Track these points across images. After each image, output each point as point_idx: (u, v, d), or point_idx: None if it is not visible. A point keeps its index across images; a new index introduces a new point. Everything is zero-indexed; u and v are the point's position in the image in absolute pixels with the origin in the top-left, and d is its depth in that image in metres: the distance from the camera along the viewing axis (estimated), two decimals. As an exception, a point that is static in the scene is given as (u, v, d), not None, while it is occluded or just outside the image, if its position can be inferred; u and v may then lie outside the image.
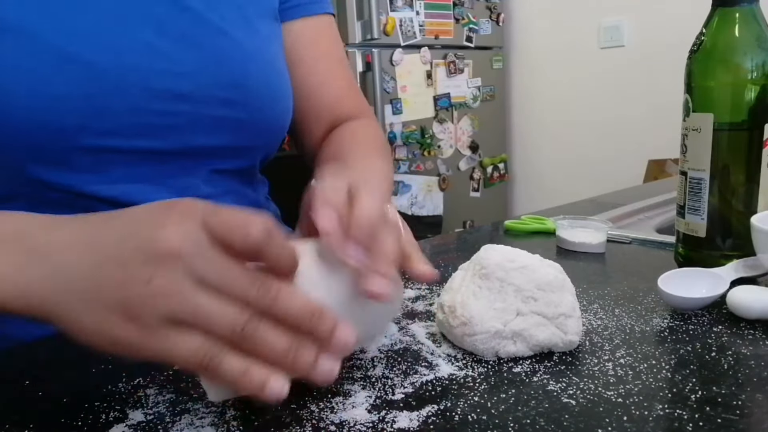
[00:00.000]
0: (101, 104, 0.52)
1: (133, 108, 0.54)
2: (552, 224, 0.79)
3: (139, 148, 0.55)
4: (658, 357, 0.43)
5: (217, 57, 0.58)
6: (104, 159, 0.54)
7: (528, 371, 0.41)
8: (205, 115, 0.58)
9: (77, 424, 0.37)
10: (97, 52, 0.51)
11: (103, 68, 0.52)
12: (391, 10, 2.36)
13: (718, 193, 0.57)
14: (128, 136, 0.54)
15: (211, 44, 0.58)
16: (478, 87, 2.74)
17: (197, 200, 0.34)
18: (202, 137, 0.59)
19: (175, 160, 0.58)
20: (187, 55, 0.56)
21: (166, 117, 0.56)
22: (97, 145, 0.53)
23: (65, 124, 0.51)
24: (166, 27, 0.56)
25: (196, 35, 0.57)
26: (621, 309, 0.52)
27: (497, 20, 2.80)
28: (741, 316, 0.48)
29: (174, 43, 0.56)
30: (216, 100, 0.58)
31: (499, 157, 2.88)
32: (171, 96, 0.56)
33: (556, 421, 0.35)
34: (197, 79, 0.57)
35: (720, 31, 0.55)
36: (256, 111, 0.62)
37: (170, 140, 0.57)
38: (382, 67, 2.32)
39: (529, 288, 0.45)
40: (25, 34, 0.49)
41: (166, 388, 0.41)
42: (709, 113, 0.56)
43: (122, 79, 0.53)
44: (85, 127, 0.52)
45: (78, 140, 0.52)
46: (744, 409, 0.36)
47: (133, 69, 0.53)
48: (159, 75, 0.55)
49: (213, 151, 0.61)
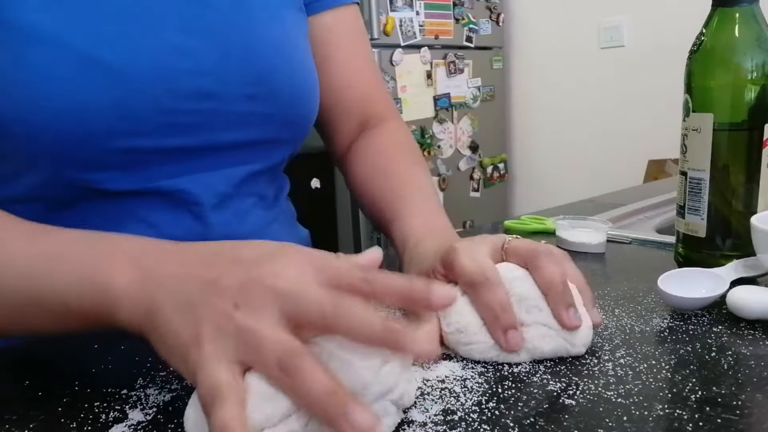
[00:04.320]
0: (128, 107, 0.52)
1: (159, 109, 0.54)
2: (552, 224, 0.79)
3: (167, 146, 0.56)
4: (658, 357, 0.43)
5: (243, 53, 0.58)
6: (134, 159, 0.55)
7: (528, 371, 0.41)
8: (231, 111, 0.58)
9: (77, 424, 0.37)
10: (122, 56, 0.52)
11: (128, 72, 0.52)
12: (391, 10, 2.37)
13: (718, 193, 0.57)
14: (156, 136, 0.55)
15: (237, 40, 0.58)
16: (478, 87, 2.74)
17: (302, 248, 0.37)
18: (229, 133, 0.59)
19: (204, 156, 0.59)
20: (212, 52, 0.57)
21: (192, 115, 0.56)
22: (126, 147, 0.54)
23: (94, 128, 0.51)
24: (191, 25, 0.56)
25: (221, 32, 0.57)
26: (621, 309, 0.52)
27: (497, 20, 2.80)
28: (741, 316, 0.48)
29: (199, 42, 0.56)
30: (242, 95, 0.59)
31: (498, 157, 2.88)
32: (198, 95, 0.56)
33: (556, 421, 0.35)
34: (223, 76, 0.57)
35: (720, 31, 0.55)
36: (281, 105, 0.62)
37: (198, 137, 0.57)
38: (381, 67, 2.32)
39: (534, 297, 0.43)
40: (54, 42, 0.50)
41: (166, 388, 0.41)
42: (709, 113, 0.56)
43: (148, 82, 0.53)
44: (114, 130, 0.52)
45: (107, 143, 0.53)
46: (744, 409, 0.36)
47: (158, 71, 0.53)
48: (184, 75, 0.55)
49: (241, 145, 0.61)
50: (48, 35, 0.50)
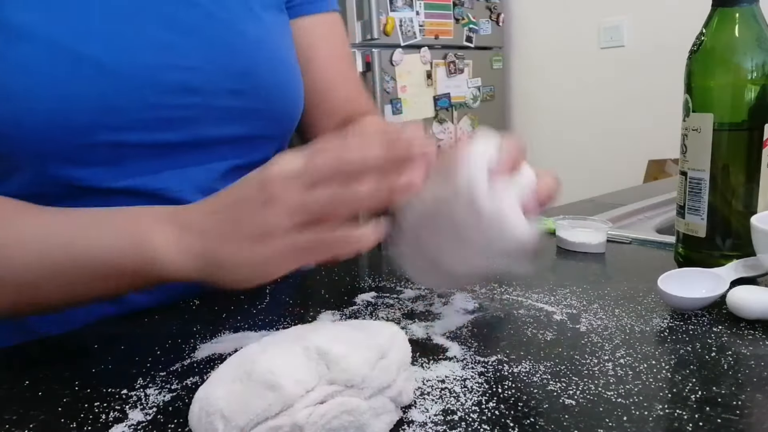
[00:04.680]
0: (114, 101, 0.53)
1: (145, 103, 0.55)
2: (552, 224, 0.79)
3: (153, 141, 0.57)
4: (658, 357, 0.43)
5: (226, 49, 0.60)
6: (121, 153, 0.56)
7: (528, 371, 0.41)
8: (216, 107, 0.60)
9: (77, 424, 0.37)
10: (108, 51, 0.53)
11: (114, 67, 0.53)
12: (391, 10, 2.37)
13: (718, 193, 0.57)
14: (142, 131, 0.56)
15: (220, 37, 0.60)
16: (478, 87, 2.75)
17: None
18: (214, 128, 0.60)
19: (190, 151, 0.60)
20: (197, 49, 0.58)
21: (178, 110, 0.57)
22: (112, 141, 0.55)
23: (80, 122, 0.52)
24: (175, 23, 0.57)
25: (205, 29, 0.59)
26: (621, 309, 0.52)
27: (497, 20, 2.80)
28: (741, 316, 0.48)
29: (183, 38, 0.57)
30: (226, 91, 0.60)
31: (499, 157, 2.88)
32: (182, 90, 0.57)
33: (556, 421, 0.35)
34: (207, 71, 0.58)
35: (720, 31, 0.55)
36: (265, 99, 0.63)
37: (183, 132, 0.58)
38: (381, 67, 2.32)
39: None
40: (40, 39, 0.51)
41: (166, 388, 0.41)
42: (708, 113, 0.56)
43: (134, 76, 0.54)
44: (100, 124, 0.53)
45: (93, 137, 0.53)
46: (744, 409, 0.36)
47: (143, 66, 0.55)
48: (169, 70, 0.56)
49: (226, 140, 0.62)
50: (33, 32, 0.50)
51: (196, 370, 0.44)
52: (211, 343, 0.48)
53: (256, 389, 0.32)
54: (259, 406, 0.31)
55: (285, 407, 0.31)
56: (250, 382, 0.32)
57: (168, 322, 0.54)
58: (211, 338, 0.50)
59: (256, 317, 0.54)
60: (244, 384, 0.32)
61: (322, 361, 0.33)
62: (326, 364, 0.33)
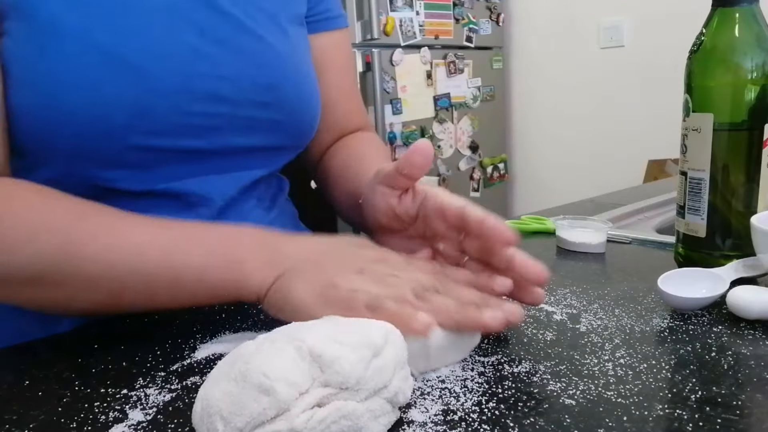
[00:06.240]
0: (148, 106, 0.54)
1: (177, 109, 0.56)
2: (552, 224, 0.79)
3: (180, 147, 0.58)
4: (658, 357, 0.43)
5: (255, 61, 0.61)
6: (148, 158, 0.56)
7: (528, 371, 0.41)
8: (241, 117, 0.60)
9: (77, 424, 0.37)
10: (143, 55, 0.53)
11: (149, 71, 0.54)
12: (391, 10, 2.36)
13: (718, 193, 0.57)
14: (171, 136, 0.57)
15: (250, 49, 0.61)
16: (478, 87, 2.74)
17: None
18: (238, 137, 0.61)
19: (214, 159, 0.61)
20: (228, 59, 0.59)
21: (206, 118, 0.58)
22: (142, 145, 0.55)
23: (114, 124, 0.53)
24: (208, 32, 0.58)
25: (236, 40, 0.60)
26: (621, 309, 0.52)
27: (497, 20, 2.80)
28: (741, 316, 0.48)
29: (216, 48, 0.58)
30: (252, 102, 0.61)
31: (498, 157, 2.88)
32: (211, 98, 0.58)
33: (556, 421, 0.35)
34: (237, 82, 0.59)
35: (720, 31, 0.55)
36: (288, 112, 0.64)
37: (209, 140, 0.59)
38: (382, 67, 2.32)
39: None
40: (78, 37, 0.51)
41: (166, 388, 0.41)
42: (708, 113, 0.56)
43: (168, 82, 0.55)
44: (133, 127, 0.54)
45: (125, 140, 0.54)
46: (744, 409, 0.36)
47: (178, 72, 0.55)
48: (201, 78, 0.57)
49: (249, 150, 0.63)
50: (73, 30, 0.51)
51: (196, 370, 0.44)
52: (211, 343, 0.49)
53: (250, 392, 0.32)
54: (254, 410, 0.31)
55: (281, 411, 0.31)
56: (245, 383, 0.32)
57: (168, 322, 0.54)
58: (211, 338, 0.50)
59: (256, 317, 0.54)
60: (240, 385, 0.32)
61: (315, 363, 0.33)
62: (319, 366, 0.33)
